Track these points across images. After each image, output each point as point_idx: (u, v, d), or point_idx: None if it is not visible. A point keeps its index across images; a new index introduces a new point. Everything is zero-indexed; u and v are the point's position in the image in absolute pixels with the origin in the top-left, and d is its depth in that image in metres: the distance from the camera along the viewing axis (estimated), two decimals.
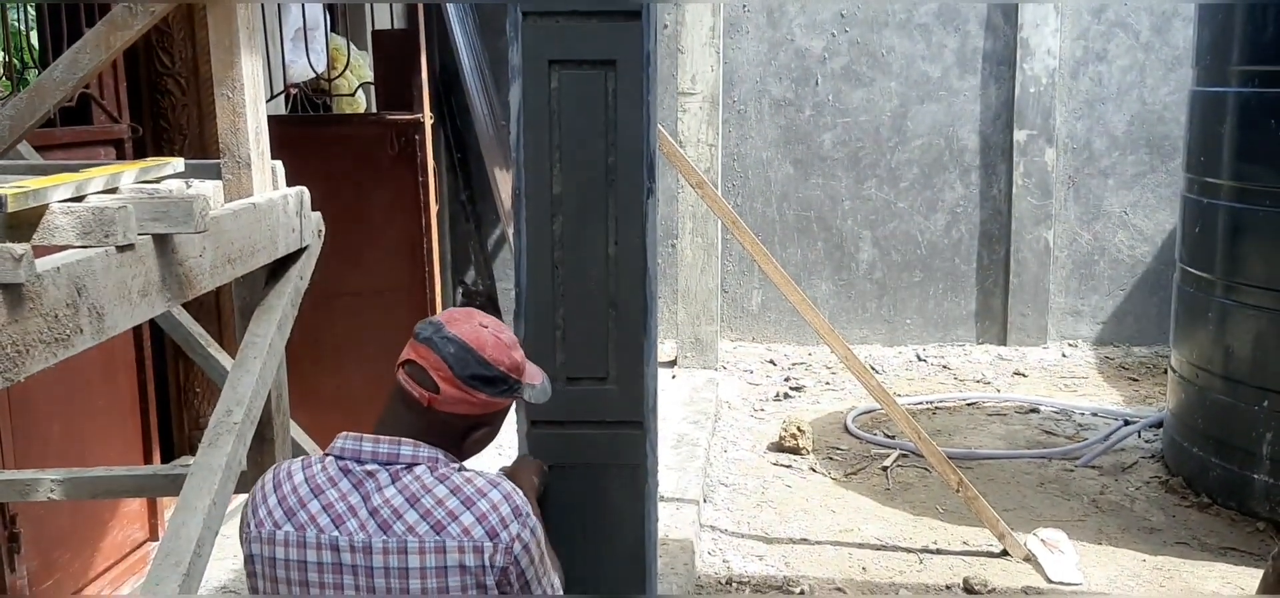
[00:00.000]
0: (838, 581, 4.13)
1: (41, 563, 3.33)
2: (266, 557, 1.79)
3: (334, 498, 1.78)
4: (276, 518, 1.79)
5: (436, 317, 1.92)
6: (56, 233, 1.49)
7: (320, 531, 1.76)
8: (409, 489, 1.77)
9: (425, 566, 1.74)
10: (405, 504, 1.76)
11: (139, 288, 1.59)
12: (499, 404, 1.90)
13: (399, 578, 1.74)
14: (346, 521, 1.77)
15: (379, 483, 1.78)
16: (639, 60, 2.33)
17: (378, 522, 1.76)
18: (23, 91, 2.12)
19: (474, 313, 1.94)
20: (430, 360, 1.83)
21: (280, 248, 2.18)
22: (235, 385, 1.97)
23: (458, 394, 1.83)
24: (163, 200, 1.63)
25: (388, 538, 1.75)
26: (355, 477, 1.79)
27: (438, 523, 1.75)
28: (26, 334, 1.31)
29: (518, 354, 1.92)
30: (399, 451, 1.80)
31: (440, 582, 1.74)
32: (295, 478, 1.82)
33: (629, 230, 2.40)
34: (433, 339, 1.85)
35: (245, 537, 1.83)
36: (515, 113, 2.38)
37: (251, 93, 2.14)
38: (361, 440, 1.82)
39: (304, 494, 1.80)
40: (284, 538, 1.78)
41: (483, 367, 1.85)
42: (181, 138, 4.28)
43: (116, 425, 3.74)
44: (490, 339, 1.88)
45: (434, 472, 1.81)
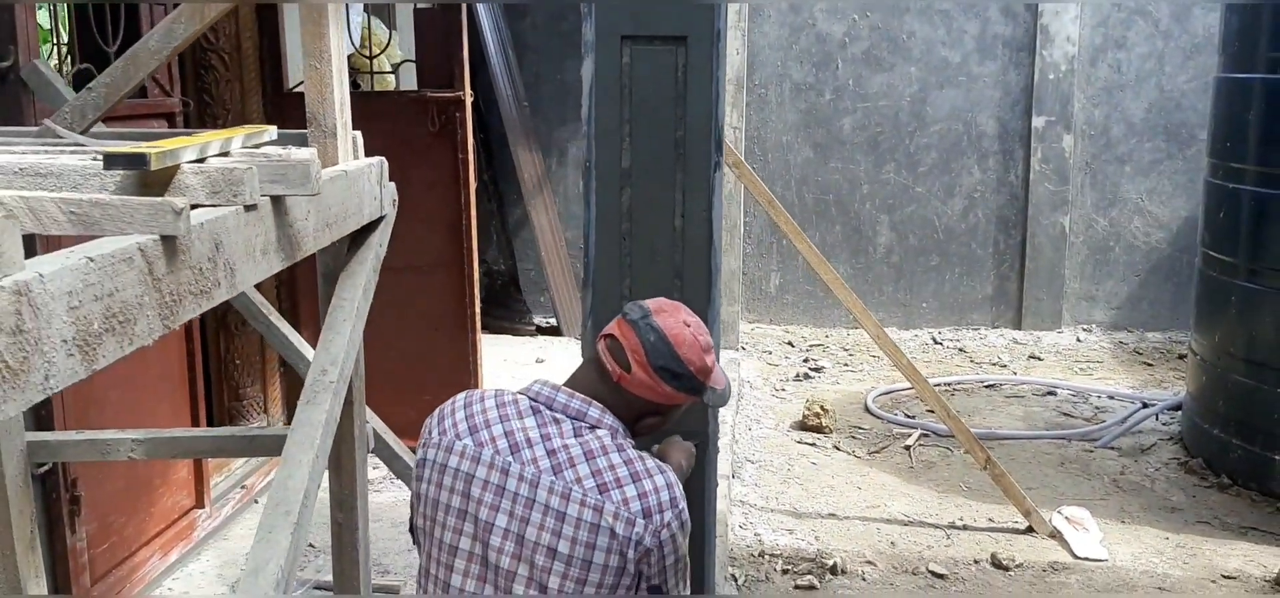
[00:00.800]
0: (868, 554, 4.21)
1: (99, 526, 3.40)
2: (439, 463, 1.90)
3: (516, 428, 1.90)
4: (459, 430, 1.91)
5: (647, 302, 2.02)
6: (188, 192, 1.54)
7: (497, 452, 1.87)
8: (589, 445, 1.88)
9: (581, 517, 1.83)
10: (582, 456, 1.87)
11: (261, 246, 1.66)
12: (679, 399, 1.99)
13: (555, 518, 1.83)
14: (522, 450, 1.87)
15: (563, 431, 1.89)
16: (710, 36, 2.40)
17: (552, 462, 1.86)
18: (118, 61, 2.18)
19: (680, 307, 2.03)
20: (630, 342, 1.94)
21: (366, 214, 2.24)
22: (328, 346, 2.04)
23: (646, 379, 1.93)
24: (281, 164, 1.69)
25: (557, 479, 1.85)
26: (543, 418, 1.91)
27: (603, 484, 1.85)
28: (180, 284, 1.37)
29: (710, 358, 2.01)
30: (588, 411, 1.92)
31: (590, 537, 1.83)
32: (486, 402, 1.95)
33: (696, 203, 2.47)
34: (638, 323, 1.95)
35: (423, 443, 1.95)
36: (587, 87, 2.45)
37: (337, 63, 2.20)
38: (558, 391, 1.95)
39: (491, 417, 1.92)
40: (462, 449, 1.89)
41: (675, 362, 1.94)
42: (225, 112, 4.34)
43: (165, 395, 3.81)
44: (689, 338, 1.97)
45: (614, 439, 1.91)
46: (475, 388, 4.55)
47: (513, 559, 1.85)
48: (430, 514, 1.92)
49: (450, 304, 4.50)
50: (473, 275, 4.48)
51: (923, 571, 4.12)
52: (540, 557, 1.84)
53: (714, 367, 2.03)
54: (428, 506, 1.93)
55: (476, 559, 1.88)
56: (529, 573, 1.85)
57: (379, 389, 4.32)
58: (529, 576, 1.85)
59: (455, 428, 1.92)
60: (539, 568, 1.84)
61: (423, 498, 1.94)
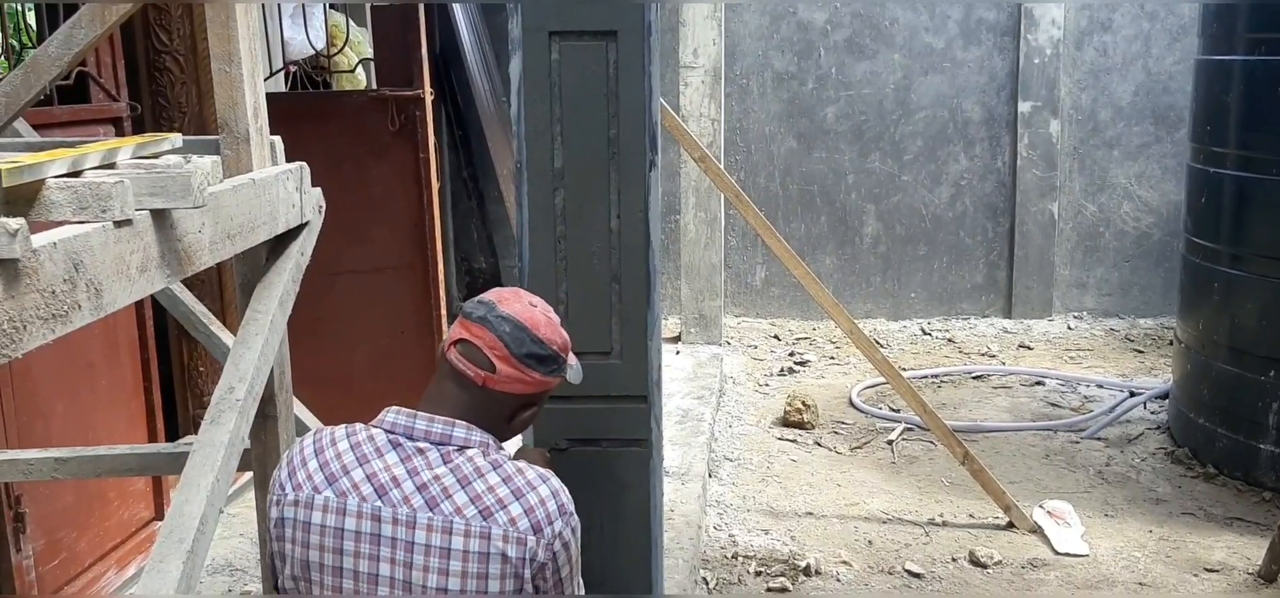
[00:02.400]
0: (844, 554, 4.13)
1: (47, 543, 3.33)
2: (301, 521, 1.77)
3: (379, 468, 1.77)
4: (316, 483, 1.77)
5: (486, 296, 1.91)
6: (53, 209, 1.47)
7: (363, 499, 1.75)
8: (461, 471, 1.77)
9: (468, 549, 1.73)
10: (456, 485, 1.75)
11: (138, 264, 1.58)
12: (549, 383, 1.90)
13: (440, 557, 1.73)
14: (391, 491, 1.75)
15: (429, 461, 1.77)
16: (640, 31, 2.31)
17: (425, 498, 1.74)
18: (18, 69, 2.10)
19: (521, 292, 1.94)
20: (485, 339, 1.83)
21: (280, 224, 2.16)
22: (237, 362, 1.96)
23: (513, 373, 1.83)
24: (160, 175, 1.61)
25: (433, 515, 1.73)
26: (405, 451, 1.78)
27: (486, 509, 1.74)
28: (23, 310, 1.29)
29: (565, 334, 1.94)
30: (453, 432, 1.80)
31: (481, 568, 1.73)
32: (340, 445, 1.81)
33: (631, 203, 2.38)
34: (487, 318, 1.85)
35: (277, 500, 1.81)
36: (515, 85, 2.36)
37: (249, 67, 2.12)
38: (415, 417, 1.81)
39: (348, 461, 1.78)
40: (323, 503, 1.76)
41: (537, 345, 1.85)
42: (181, 116, 4.25)
43: (120, 405, 3.73)
44: (542, 318, 1.89)
45: (486, 456, 1.80)
46: None
47: None
48: (301, 575, 1.79)
49: (414, 306, 4.42)
50: (437, 277, 4.40)
51: (899, 570, 4.03)
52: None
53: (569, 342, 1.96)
54: (296, 566, 1.79)
55: None
56: None
57: (342, 394, 4.26)
58: None
59: (311, 481, 1.78)
60: None
61: (288, 559, 1.80)
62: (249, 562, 3.82)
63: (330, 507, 1.76)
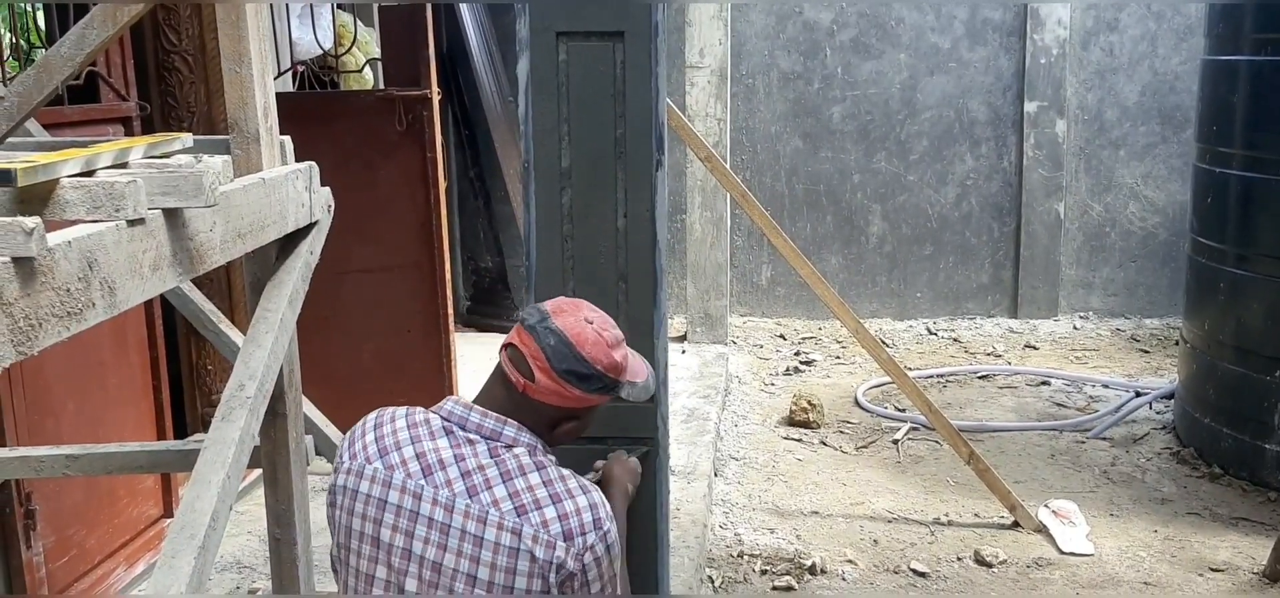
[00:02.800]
0: (849, 553, 4.14)
1: (57, 540, 3.35)
2: (350, 488, 1.83)
3: (428, 449, 1.82)
4: (369, 454, 1.84)
5: (546, 304, 1.93)
6: (67, 208, 1.49)
7: (409, 476, 1.80)
8: (505, 466, 1.80)
9: (499, 541, 1.76)
10: (498, 478, 1.79)
11: (150, 262, 1.59)
12: (591, 401, 1.90)
13: (472, 544, 1.76)
14: (435, 472, 1.80)
15: (477, 452, 1.82)
16: (648, 31, 2.32)
17: (467, 485, 1.79)
18: (30, 69, 2.11)
19: (582, 305, 1.94)
20: (530, 348, 1.85)
21: (290, 223, 2.18)
22: (247, 360, 1.97)
23: (552, 385, 1.85)
24: (172, 174, 1.63)
25: (472, 503, 1.77)
26: (456, 439, 1.83)
27: (522, 506, 1.77)
28: (39, 308, 1.31)
29: (619, 354, 1.91)
30: (503, 430, 1.84)
31: (510, 562, 1.76)
32: (397, 422, 1.87)
33: (638, 203, 2.39)
34: (536, 328, 1.87)
35: (336, 469, 1.88)
36: (523, 85, 2.37)
37: (259, 67, 2.13)
38: (471, 410, 1.86)
39: (402, 438, 1.84)
40: (372, 473, 1.82)
41: (579, 363, 1.85)
42: (190, 115, 4.28)
43: (130, 403, 3.76)
44: (592, 336, 1.88)
45: (532, 457, 1.83)
46: (450, 391, 4.50)
47: (430, 587, 1.78)
48: (344, 542, 1.85)
49: (421, 305, 4.44)
50: (444, 276, 4.42)
51: (904, 569, 4.04)
52: (459, 584, 1.77)
53: (627, 361, 1.93)
54: (341, 533, 1.85)
55: (393, 587, 1.81)
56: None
57: (349, 392, 4.29)
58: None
59: (366, 451, 1.84)
60: (459, 594, 1.77)
61: (337, 526, 1.86)
62: (258, 559, 3.84)
63: (378, 478, 1.81)
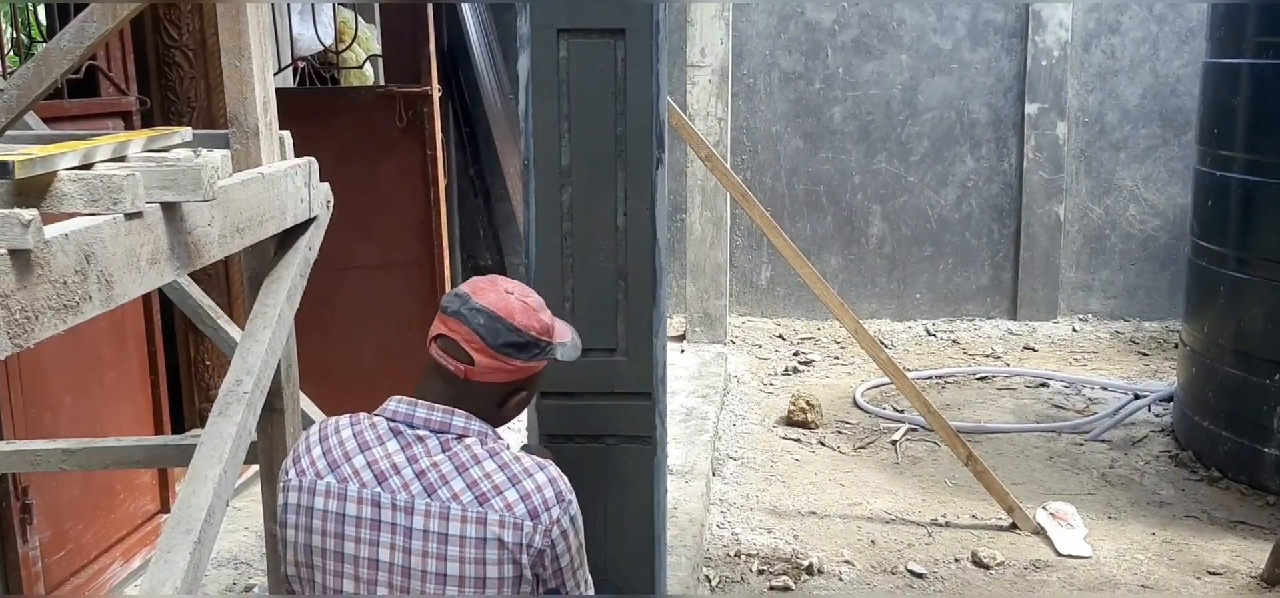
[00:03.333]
0: (846, 553, 4.13)
1: (54, 534, 3.35)
2: (304, 506, 1.80)
3: (380, 455, 1.79)
4: (319, 468, 1.81)
5: (462, 288, 1.91)
6: (64, 200, 1.48)
7: (363, 485, 1.78)
8: (459, 458, 1.79)
9: (465, 534, 1.75)
10: (453, 471, 1.78)
11: (148, 256, 1.59)
12: (533, 368, 1.90)
13: (438, 542, 1.75)
14: (390, 478, 1.78)
15: (428, 449, 1.80)
16: (648, 29, 2.32)
17: (423, 484, 1.77)
18: (29, 62, 2.11)
19: (498, 280, 1.94)
20: (462, 333, 1.84)
21: (289, 218, 2.17)
22: (245, 356, 1.97)
23: (492, 363, 1.83)
24: (171, 168, 1.62)
25: (431, 501, 1.76)
26: (405, 439, 1.81)
27: (483, 495, 1.76)
28: (35, 300, 1.31)
29: (546, 316, 1.92)
30: (452, 421, 1.82)
31: (478, 552, 1.75)
32: (343, 432, 1.84)
33: (638, 201, 2.39)
34: (461, 312, 1.85)
35: (283, 487, 1.84)
36: (523, 82, 2.37)
37: (259, 62, 2.13)
38: (415, 406, 1.83)
39: (350, 448, 1.81)
40: (325, 488, 1.79)
41: (514, 333, 1.85)
42: (190, 110, 4.27)
43: (127, 398, 3.75)
44: (518, 305, 1.87)
45: (484, 444, 1.82)
46: None
47: (402, 593, 1.77)
48: (305, 560, 1.82)
49: (420, 303, 4.43)
50: (443, 273, 4.42)
51: (901, 570, 4.04)
52: (430, 585, 1.76)
53: (554, 322, 1.94)
54: (300, 552, 1.82)
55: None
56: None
57: (348, 388, 4.27)
58: None
59: (314, 466, 1.81)
60: (431, 594, 1.76)
61: (292, 545, 1.83)
62: (254, 556, 3.84)
63: (332, 492, 1.78)
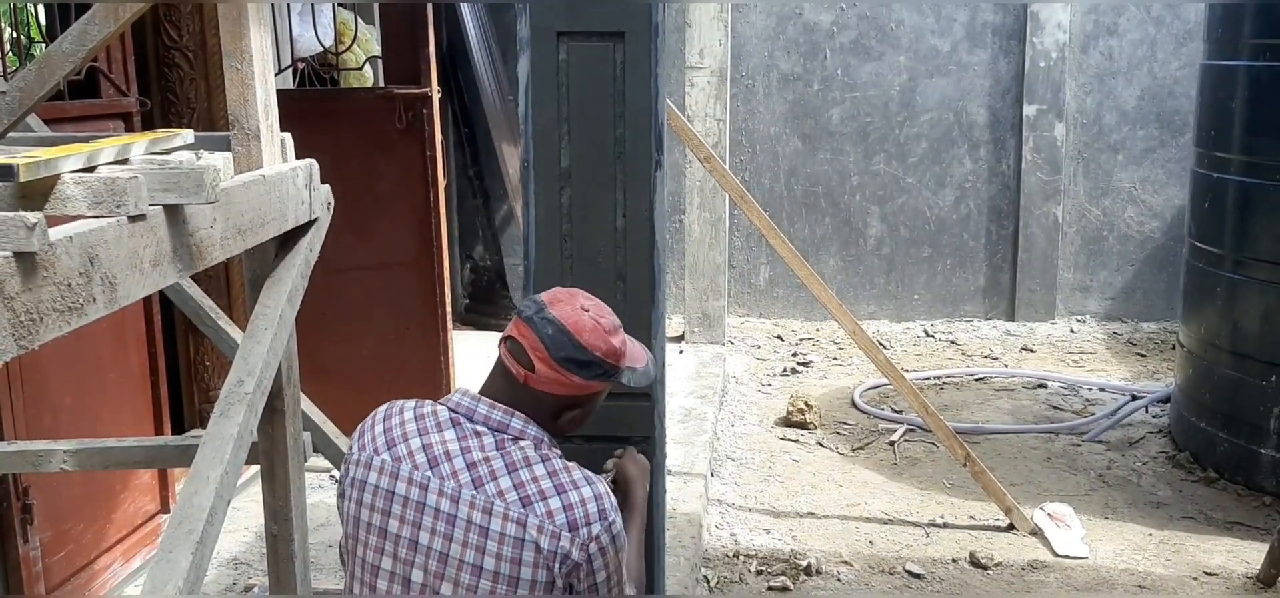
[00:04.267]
0: (845, 554, 4.15)
1: (54, 535, 3.36)
2: (359, 480, 1.85)
3: (435, 441, 1.84)
4: (377, 445, 1.86)
5: (542, 294, 1.95)
6: (68, 203, 1.49)
7: (415, 466, 1.82)
8: (511, 457, 1.83)
9: (505, 532, 1.78)
10: (504, 469, 1.81)
11: (151, 258, 1.60)
12: (593, 388, 1.92)
13: (479, 535, 1.78)
14: (442, 464, 1.82)
15: (483, 443, 1.84)
16: (648, 31, 2.33)
17: (473, 476, 1.81)
18: (31, 64, 2.12)
19: (578, 294, 1.96)
20: (529, 339, 1.87)
21: (290, 219, 2.18)
22: (246, 357, 1.98)
23: (552, 374, 1.86)
24: (173, 171, 1.63)
25: (477, 493, 1.79)
26: (463, 430, 1.85)
27: (526, 497, 1.79)
28: (40, 302, 1.32)
29: (617, 339, 1.93)
30: (510, 422, 1.86)
31: (515, 552, 1.78)
32: (405, 414, 1.90)
33: (637, 203, 2.40)
34: (533, 319, 1.88)
35: (347, 460, 1.90)
36: (523, 85, 2.38)
37: (260, 65, 2.14)
38: (478, 402, 1.88)
39: (409, 430, 1.86)
40: (380, 465, 1.84)
41: (578, 351, 1.87)
42: (190, 111, 4.29)
43: (127, 399, 3.76)
44: (589, 324, 1.89)
45: (538, 449, 1.85)
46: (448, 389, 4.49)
47: (436, 578, 1.80)
48: (352, 533, 1.87)
49: (420, 302, 4.44)
50: (443, 274, 4.42)
51: (899, 570, 4.05)
52: (465, 574, 1.79)
53: (626, 346, 1.96)
54: (350, 524, 1.88)
55: (398, 579, 1.83)
56: (453, 591, 1.80)
57: (348, 389, 4.29)
58: (453, 594, 1.80)
59: (374, 443, 1.87)
60: (464, 586, 1.79)
61: (346, 516, 1.88)
62: (255, 556, 3.85)
63: (385, 469, 1.83)
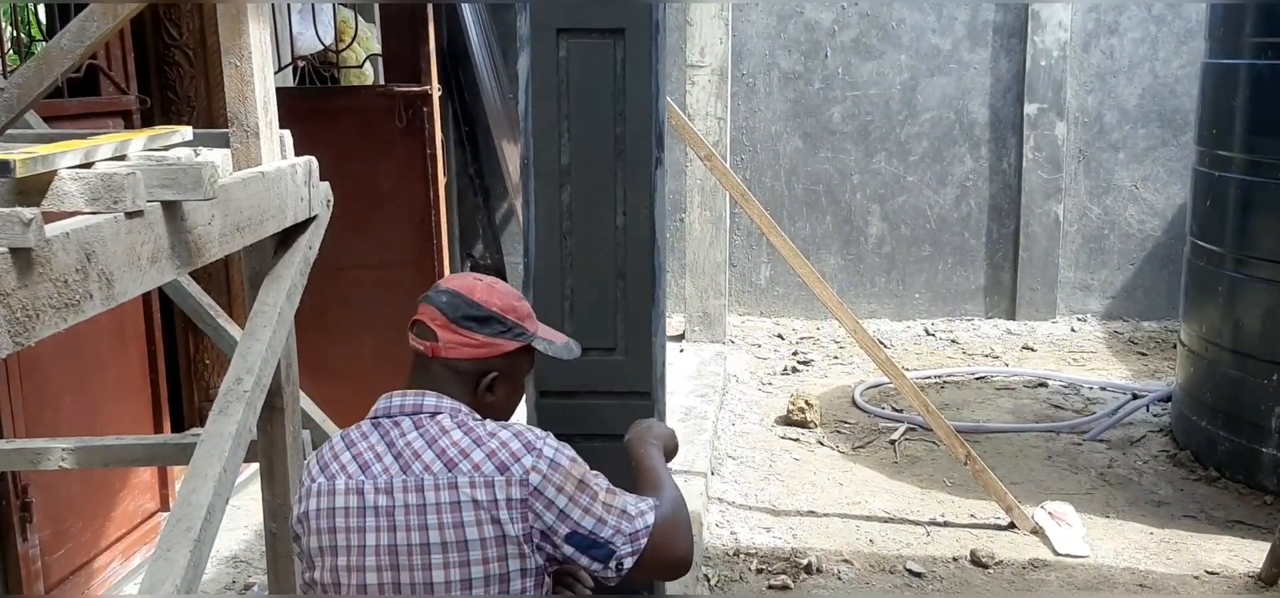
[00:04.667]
0: (845, 552, 4.14)
1: (53, 533, 3.35)
2: (304, 513, 1.88)
3: (363, 448, 1.87)
4: (313, 475, 1.89)
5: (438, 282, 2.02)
6: (65, 199, 1.49)
7: (349, 477, 1.85)
8: (429, 433, 1.85)
9: (439, 501, 1.79)
10: (424, 446, 1.83)
11: (148, 254, 1.59)
12: (500, 345, 1.94)
13: (417, 515, 1.80)
14: (372, 465, 1.85)
15: (402, 430, 1.87)
16: (648, 29, 2.32)
17: (399, 463, 1.83)
18: (30, 61, 2.11)
19: (469, 274, 2.03)
20: (428, 313, 1.93)
21: (289, 217, 2.18)
22: (245, 354, 1.97)
23: (454, 337, 1.90)
24: (171, 167, 1.63)
25: (407, 477, 1.81)
26: (384, 428, 1.88)
27: (450, 461, 1.81)
28: (36, 299, 1.31)
29: (514, 300, 1.99)
30: (423, 401, 1.89)
31: (455, 517, 1.79)
32: (335, 442, 1.93)
33: (637, 201, 2.39)
34: (429, 296, 1.95)
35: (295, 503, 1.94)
36: (523, 82, 2.37)
37: (259, 62, 2.13)
38: (392, 396, 1.92)
39: (339, 449, 1.90)
40: (317, 490, 1.87)
41: (472, 307, 1.92)
42: (189, 109, 4.28)
43: (127, 396, 3.76)
44: (480, 286, 1.96)
45: (454, 418, 1.88)
46: None
47: (392, 571, 1.81)
48: (307, 565, 1.90)
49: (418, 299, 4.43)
50: (442, 272, 4.42)
51: (900, 569, 4.04)
52: (416, 557, 1.80)
53: (530, 313, 2.01)
54: (304, 559, 1.91)
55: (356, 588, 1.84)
56: (411, 579, 1.81)
57: (347, 387, 4.28)
58: (411, 581, 1.81)
59: (309, 474, 1.91)
60: (418, 568, 1.81)
61: (301, 552, 1.92)
62: (253, 554, 3.84)
63: (322, 492, 1.86)
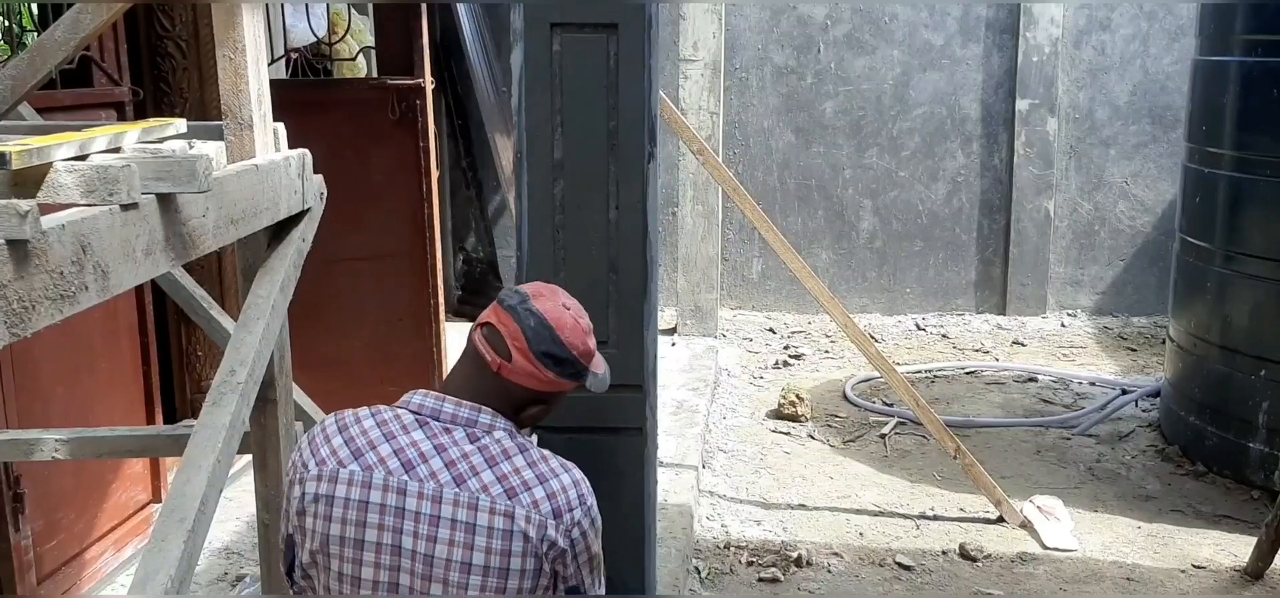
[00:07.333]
0: (835, 545, 4.16)
1: (45, 524, 3.36)
2: (325, 495, 1.80)
3: (406, 444, 1.81)
4: (341, 458, 1.81)
5: (524, 287, 1.96)
6: (60, 191, 1.49)
7: (389, 473, 1.79)
8: (489, 451, 1.82)
9: (492, 526, 1.78)
10: (484, 464, 1.81)
11: (143, 246, 1.60)
12: (562, 385, 1.93)
13: (465, 532, 1.78)
14: (417, 466, 1.80)
15: (457, 440, 1.83)
16: (641, 23, 2.33)
17: (453, 474, 1.79)
18: (24, 52, 2.12)
19: (558, 291, 1.97)
20: (509, 328, 1.87)
21: (283, 209, 2.18)
22: (238, 346, 1.98)
23: (528, 367, 1.87)
24: (166, 160, 1.63)
25: (460, 491, 1.78)
26: (432, 430, 1.83)
27: (511, 489, 1.80)
28: (32, 290, 1.32)
29: (592, 341, 1.96)
30: (479, 417, 1.85)
31: (505, 545, 1.78)
32: (365, 423, 1.85)
33: (630, 195, 2.41)
34: (516, 309, 1.89)
35: (299, 478, 1.84)
36: (516, 76, 2.38)
37: (253, 54, 2.14)
38: (443, 400, 1.86)
39: (375, 437, 1.83)
40: (348, 477, 1.80)
41: (557, 346, 1.88)
42: (182, 101, 4.28)
43: (119, 388, 3.76)
44: (570, 322, 1.91)
45: (513, 440, 1.86)
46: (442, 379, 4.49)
47: (424, 581, 1.79)
48: (322, 548, 1.83)
49: (412, 295, 4.44)
50: (435, 266, 4.43)
51: (889, 562, 4.07)
52: (454, 573, 1.79)
53: (595, 351, 1.98)
54: (316, 541, 1.83)
55: (383, 587, 1.81)
56: (443, 591, 1.79)
57: (340, 380, 4.29)
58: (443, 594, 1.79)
59: (335, 456, 1.82)
60: (454, 584, 1.79)
61: (309, 534, 1.83)
62: (246, 546, 3.85)
63: (356, 481, 1.79)
